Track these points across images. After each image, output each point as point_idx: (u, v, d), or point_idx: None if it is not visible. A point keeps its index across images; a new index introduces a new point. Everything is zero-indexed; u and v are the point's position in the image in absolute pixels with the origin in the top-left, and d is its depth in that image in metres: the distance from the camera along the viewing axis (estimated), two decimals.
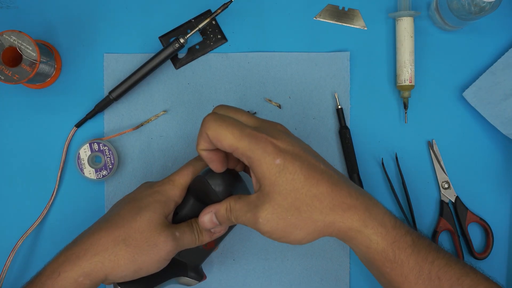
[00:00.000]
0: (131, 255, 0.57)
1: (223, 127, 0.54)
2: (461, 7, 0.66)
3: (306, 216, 0.53)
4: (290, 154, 0.53)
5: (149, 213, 0.59)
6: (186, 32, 0.73)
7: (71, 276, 0.56)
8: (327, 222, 0.54)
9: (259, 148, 0.53)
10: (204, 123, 0.55)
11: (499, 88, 0.71)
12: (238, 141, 0.53)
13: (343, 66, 0.73)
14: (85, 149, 0.71)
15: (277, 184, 0.53)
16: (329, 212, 0.53)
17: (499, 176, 0.74)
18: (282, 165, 0.53)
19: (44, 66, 0.69)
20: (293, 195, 0.53)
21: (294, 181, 0.53)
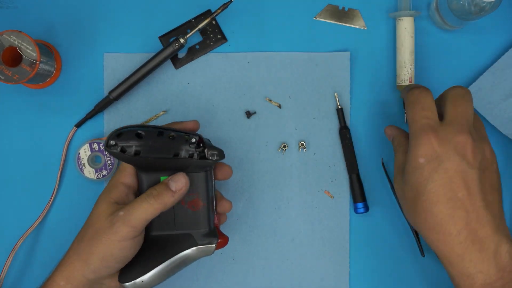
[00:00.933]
0: (89, 248, 0.59)
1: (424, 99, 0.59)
2: (461, 7, 0.66)
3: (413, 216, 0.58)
4: (438, 164, 0.56)
5: (97, 205, 0.61)
6: (186, 32, 0.73)
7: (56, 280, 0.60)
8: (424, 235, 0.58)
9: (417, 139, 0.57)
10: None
11: (499, 88, 0.71)
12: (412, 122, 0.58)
13: (343, 66, 0.73)
14: (85, 149, 0.71)
15: (410, 176, 0.57)
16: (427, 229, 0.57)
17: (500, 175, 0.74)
18: (422, 165, 0.56)
19: (44, 66, 0.69)
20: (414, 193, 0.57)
21: (420, 185, 0.56)
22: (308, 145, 0.73)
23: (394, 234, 0.73)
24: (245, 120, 0.74)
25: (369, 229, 0.74)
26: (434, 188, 0.55)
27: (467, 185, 0.55)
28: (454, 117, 0.58)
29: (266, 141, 0.74)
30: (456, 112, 0.58)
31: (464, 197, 0.55)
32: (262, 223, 0.73)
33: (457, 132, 0.56)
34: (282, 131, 0.73)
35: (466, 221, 0.55)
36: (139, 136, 0.60)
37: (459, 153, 0.56)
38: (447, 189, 0.55)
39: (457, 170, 0.55)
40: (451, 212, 0.55)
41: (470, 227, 0.55)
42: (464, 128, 0.57)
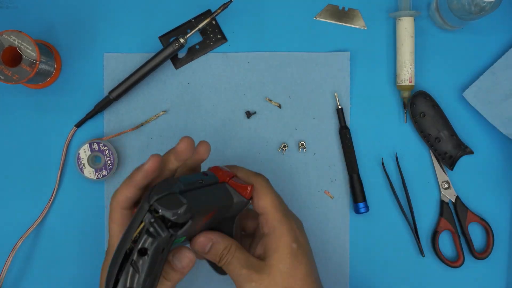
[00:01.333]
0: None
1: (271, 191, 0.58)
2: (461, 7, 0.66)
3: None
4: (303, 248, 0.57)
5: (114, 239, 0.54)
6: (186, 32, 0.73)
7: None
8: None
9: (286, 226, 0.57)
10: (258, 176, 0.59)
11: (499, 88, 0.71)
12: (274, 209, 0.57)
13: (343, 66, 0.73)
14: (85, 149, 0.71)
15: (285, 263, 0.56)
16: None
17: (499, 176, 0.74)
18: (296, 250, 0.56)
19: (44, 66, 0.69)
20: (290, 281, 0.55)
21: (297, 269, 0.56)
22: (308, 145, 0.73)
23: (394, 234, 0.73)
24: (245, 120, 0.74)
25: (369, 229, 0.74)
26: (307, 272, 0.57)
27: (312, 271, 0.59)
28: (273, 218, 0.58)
29: (266, 141, 0.74)
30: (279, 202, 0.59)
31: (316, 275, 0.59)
32: None
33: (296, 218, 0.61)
34: (282, 131, 0.73)
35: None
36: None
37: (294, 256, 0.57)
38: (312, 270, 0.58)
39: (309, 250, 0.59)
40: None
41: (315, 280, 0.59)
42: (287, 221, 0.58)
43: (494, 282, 0.74)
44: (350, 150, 0.72)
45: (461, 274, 0.73)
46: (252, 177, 0.59)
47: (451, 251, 0.74)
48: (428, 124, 0.72)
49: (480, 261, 0.73)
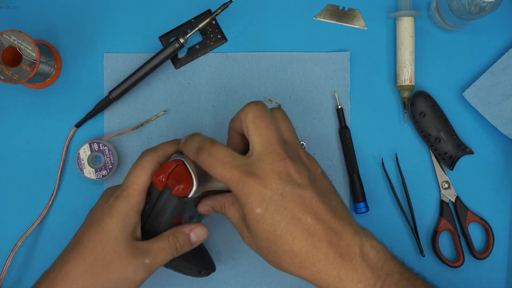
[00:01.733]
0: (101, 286, 0.56)
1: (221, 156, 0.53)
2: (461, 7, 0.66)
3: (277, 263, 0.53)
4: (274, 205, 0.51)
5: (112, 240, 0.56)
6: (186, 32, 0.73)
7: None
8: (295, 274, 0.53)
9: (243, 192, 0.52)
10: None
11: (499, 88, 0.71)
12: (230, 175, 0.52)
13: (343, 66, 0.73)
14: (85, 149, 0.71)
15: (255, 228, 0.52)
16: (297, 268, 0.52)
17: (499, 176, 0.74)
18: (261, 215, 0.51)
19: (44, 66, 0.69)
20: (266, 243, 0.52)
21: (269, 232, 0.51)
22: (308, 145, 0.73)
23: (394, 234, 0.73)
24: None
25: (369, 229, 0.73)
26: (284, 229, 0.51)
27: (310, 206, 0.52)
28: (262, 146, 0.53)
29: None
30: (261, 140, 0.53)
31: (313, 219, 0.51)
32: None
33: (273, 162, 0.52)
34: None
35: (327, 241, 0.51)
36: None
37: (286, 181, 0.51)
38: (296, 222, 0.51)
39: (293, 199, 0.51)
40: (310, 241, 0.51)
41: (332, 243, 0.52)
42: (278, 153, 0.52)
43: (494, 282, 0.74)
44: (350, 150, 0.72)
45: (461, 274, 0.73)
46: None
47: (451, 251, 0.74)
48: (428, 124, 0.72)
49: (480, 261, 0.73)
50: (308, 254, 0.51)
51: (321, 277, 0.52)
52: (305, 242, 0.51)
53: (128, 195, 0.58)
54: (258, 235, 0.52)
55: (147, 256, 0.57)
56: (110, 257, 0.56)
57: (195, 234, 0.61)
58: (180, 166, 0.57)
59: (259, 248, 0.54)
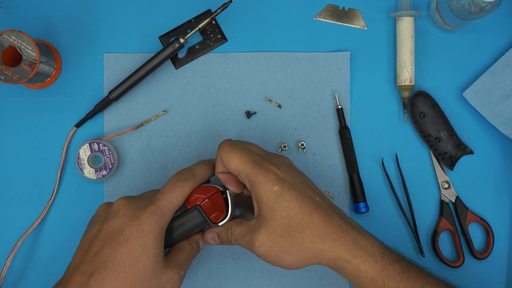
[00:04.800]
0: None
1: (233, 151, 0.59)
2: (461, 7, 0.66)
3: (297, 243, 0.57)
4: (288, 183, 0.58)
5: (151, 257, 0.57)
6: (186, 32, 0.73)
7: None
8: (316, 250, 0.57)
9: (261, 174, 0.58)
10: (219, 147, 0.61)
11: (499, 88, 0.71)
12: (244, 165, 0.58)
13: (343, 66, 0.73)
14: (85, 149, 0.71)
15: (274, 209, 0.57)
16: (319, 240, 0.57)
17: (499, 176, 0.74)
18: (279, 192, 0.57)
19: (44, 66, 0.69)
20: (287, 222, 0.57)
21: (289, 209, 0.57)
22: (308, 145, 0.73)
23: (394, 234, 0.73)
24: (245, 120, 0.74)
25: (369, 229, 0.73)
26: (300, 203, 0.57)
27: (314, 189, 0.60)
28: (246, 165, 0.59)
29: (266, 141, 0.74)
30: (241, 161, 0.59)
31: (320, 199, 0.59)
32: None
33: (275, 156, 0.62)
34: (282, 131, 0.73)
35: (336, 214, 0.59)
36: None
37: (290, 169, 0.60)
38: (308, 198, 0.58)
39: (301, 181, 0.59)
40: (324, 213, 0.58)
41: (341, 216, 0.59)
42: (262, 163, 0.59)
43: (494, 282, 0.74)
44: (350, 150, 0.72)
45: (461, 274, 0.73)
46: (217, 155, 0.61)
47: (451, 251, 0.74)
48: (428, 124, 0.72)
49: (480, 261, 0.73)
50: (325, 224, 0.57)
51: (341, 244, 0.57)
52: (320, 213, 0.57)
53: (163, 213, 0.59)
54: (276, 217, 0.57)
55: (181, 268, 0.61)
56: (151, 274, 0.57)
57: (202, 242, 0.66)
58: (218, 195, 0.62)
59: (276, 239, 0.57)
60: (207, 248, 0.73)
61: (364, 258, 0.58)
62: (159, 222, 0.58)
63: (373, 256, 0.58)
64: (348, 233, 0.58)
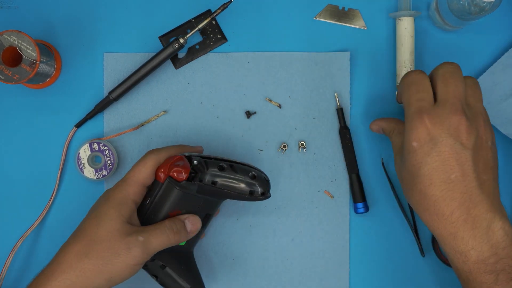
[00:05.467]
0: (96, 267, 0.57)
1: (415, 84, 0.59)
2: (461, 7, 0.66)
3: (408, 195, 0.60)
4: (430, 146, 0.56)
5: (107, 221, 0.59)
6: (186, 32, 0.73)
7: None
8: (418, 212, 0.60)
9: (411, 123, 0.57)
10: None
11: (499, 88, 0.71)
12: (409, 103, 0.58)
13: (343, 66, 0.73)
14: (85, 149, 0.71)
15: (405, 159, 0.58)
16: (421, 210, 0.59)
17: (499, 176, 0.74)
18: (415, 149, 0.57)
19: (44, 66, 0.69)
20: (409, 175, 0.58)
21: (414, 168, 0.57)
22: (308, 145, 0.73)
23: (394, 234, 0.73)
24: (245, 120, 0.74)
25: (369, 229, 0.74)
26: (427, 171, 0.56)
27: (461, 166, 0.56)
28: (446, 97, 0.58)
29: (266, 141, 0.74)
30: (447, 91, 0.58)
31: (457, 178, 0.56)
32: (262, 223, 0.73)
33: (450, 113, 0.56)
34: (282, 131, 0.73)
35: (460, 202, 0.56)
36: (221, 169, 0.63)
37: (452, 135, 0.56)
38: (441, 172, 0.56)
39: (451, 152, 0.56)
40: (444, 194, 0.56)
41: (463, 207, 0.56)
42: (457, 107, 0.57)
43: None
44: (350, 150, 0.73)
45: None
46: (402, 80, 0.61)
47: None
48: None
49: None
50: (436, 204, 0.56)
51: (438, 227, 0.57)
52: (439, 192, 0.56)
53: (126, 184, 0.61)
54: (405, 166, 0.58)
55: (141, 234, 0.59)
56: (104, 235, 0.58)
57: (190, 222, 0.63)
58: (183, 160, 0.62)
59: (401, 176, 0.61)
60: (207, 248, 0.73)
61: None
62: (120, 192, 0.61)
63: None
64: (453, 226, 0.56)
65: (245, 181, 0.64)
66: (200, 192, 0.63)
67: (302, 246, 0.73)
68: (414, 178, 0.58)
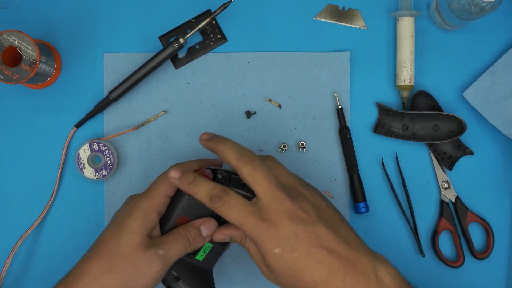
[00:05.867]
0: (119, 282, 0.57)
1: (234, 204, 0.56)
2: (461, 7, 0.66)
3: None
4: (291, 244, 0.55)
5: (129, 235, 0.59)
6: (186, 32, 0.73)
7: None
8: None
9: (260, 237, 0.55)
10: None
11: (499, 88, 0.71)
12: (245, 220, 0.56)
13: (343, 66, 0.73)
14: (85, 149, 0.71)
15: (276, 267, 0.56)
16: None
17: (499, 176, 0.74)
18: (280, 255, 0.55)
19: (44, 66, 0.69)
20: (289, 278, 0.56)
21: (290, 269, 0.55)
22: (308, 145, 0.73)
23: (394, 234, 0.73)
24: (245, 120, 0.74)
25: (369, 229, 0.74)
26: (302, 264, 0.55)
27: (322, 240, 0.55)
28: (265, 194, 0.56)
29: (266, 141, 0.74)
30: (262, 188, 0.56)
31: (327, 252, 0.55)
32: None
33: (280, 206, 0.56)
34: (282, 131, 0.73)
35: (343, 268, 0.55)
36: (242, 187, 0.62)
37: (297, 222, 0.55)
38: (312, 256, 0.55)
39: (306, 236, 0.55)
40: (328, 271, 0.55)
41: (348, 271, 0.55)
42: (280, 197, 0.56)
43: (494, 282, 0.74)
44: (350, 150, 0.72)
45: (461, 274, 0.73)
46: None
47: (451, 251, 0.74)
48: None
49: (480, 261, 0.73)
50: (328, 283, 0.55)
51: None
52: (323, 272, 0.55)
53: (149, 196, 0.61)
54: (279, 272, 0.56)
55: (160, 247, 0.59)
56: (126, 250, 0.58)
57: (205, 226, 0.62)
58: (207, 171, 0.62)
59: (280, 283, 0.57)
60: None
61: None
62: (144, 205, 0.60)
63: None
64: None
65: None
66: None
67: None
68: (295, 276, 0.55)
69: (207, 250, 0.64)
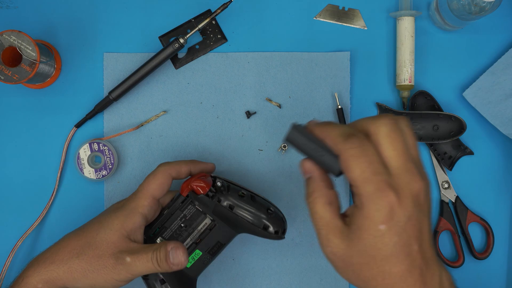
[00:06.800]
0: (83, 270, 0.59)
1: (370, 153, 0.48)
2: (461, 7, 0.66)
3: (363, 279, 0.50)
4: (398, 226, 0.48)
5: (107, 230, 0.60)
6: (186, 32, 0.73)
7: (31, 282, 0.59)
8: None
9: (376, 204, 0.48)
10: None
11: (499, 88, 0.71)
12: (366, 180, 0.48)
13: (343, 66, 0.73)
14: (85, 149, 0.71)
15: (366, 243, 0.49)
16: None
17: (499, 176, 0.74)
18: (382, 232, 0.48)
19: (44, 66, 0.69)
20: (368, 259, 0.49)
21: (378, 250, 0.48)
22: None
23: None
24: (245, 120, 0.74)
25: None
26: (393, 251, 0.48)
27: (421, 234, 0.50)
28: (399, 163, 0.49)
29: (266, 141, 0.74)
30: (398, 155, 0.49)
31: (419, 248, 0.50)
32: None
33: (411, 181, 0.49)
34: (282, 131, 0.73)
35: (420, 268, 0.50)
36: (241, 196, 0.64)
37: (416, 205, 0.49)
38: (406, 247, 0.49)
39: (414, 225, 0.49)
40: (408, 267, 0.49)
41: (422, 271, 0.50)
42: (412, 172, 0.49)
43: (494, 282, 0.74)
44: None
45: (461, 274, 0.73)
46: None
47: (451, 251, 0.74)
48: None
49: (480, 261, 0.73)
50: (402, 278, 0.49)
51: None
52: (404, 266, 0.49)
53: (136, 196, 0.62)
54: (362, 250, 0.49)
55: (130, 255, 0.59)
56: (99, 243, 0.59)
57: (172, 255, 0.58)
58: (207, 177, 0.64)
59: (350, 262, 0.51)
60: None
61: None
62: (129, 204, 0.61)
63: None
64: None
65: (261, 214, 0.63)
66: (215, 213, 0.63)
67: (302, 246, 0.73)
68: (377, 260, 0.49)
69: (196, 257, 0.64)
